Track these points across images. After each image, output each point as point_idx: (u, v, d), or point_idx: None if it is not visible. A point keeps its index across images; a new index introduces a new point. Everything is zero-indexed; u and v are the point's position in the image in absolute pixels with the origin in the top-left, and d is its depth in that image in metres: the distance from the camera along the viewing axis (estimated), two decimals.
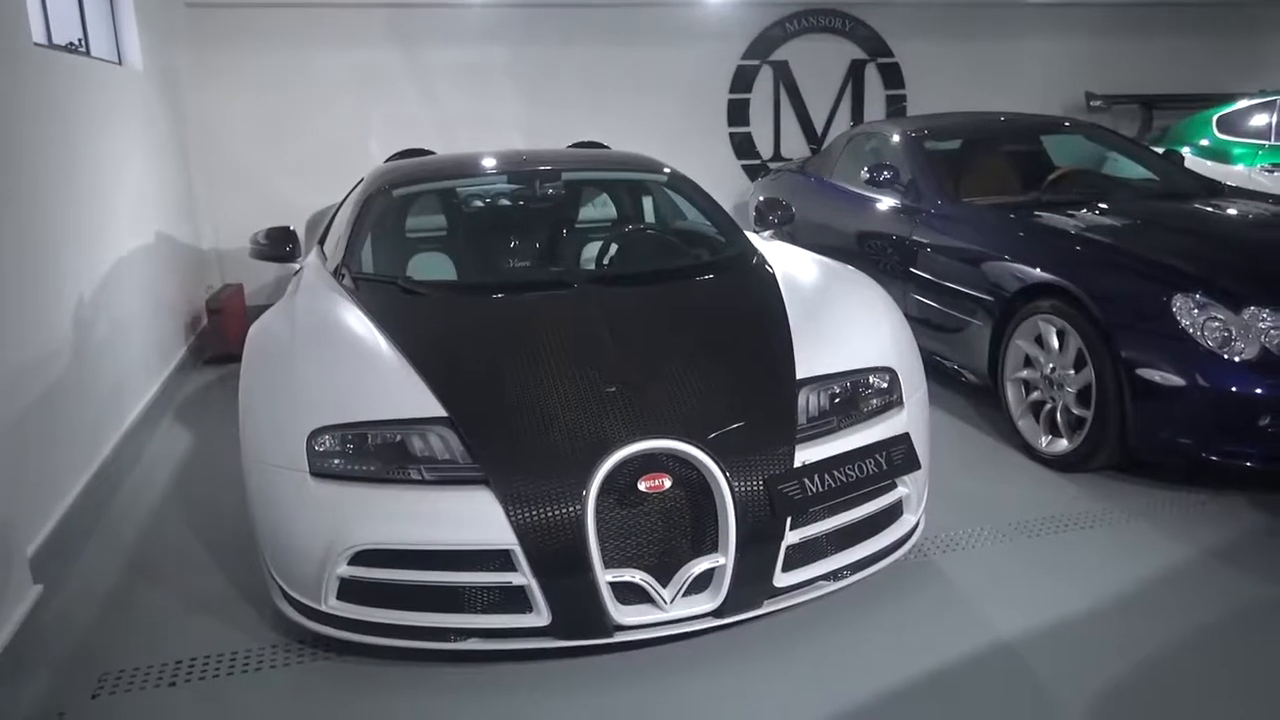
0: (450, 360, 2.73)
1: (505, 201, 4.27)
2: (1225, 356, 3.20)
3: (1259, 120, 6.51)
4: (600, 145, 5.28)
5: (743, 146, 7.72)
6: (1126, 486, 3.55)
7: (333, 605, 2.47)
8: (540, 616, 2.39)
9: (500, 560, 2.37)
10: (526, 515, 2.34)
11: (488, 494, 2.37)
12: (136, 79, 5.15)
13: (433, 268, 3.81)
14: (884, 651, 2.59)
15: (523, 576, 2.36)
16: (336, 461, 2.46)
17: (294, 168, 6.68)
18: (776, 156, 7.72)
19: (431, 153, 5.18)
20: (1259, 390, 3.17)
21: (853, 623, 2.73)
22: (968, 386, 4.43)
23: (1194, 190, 4.89)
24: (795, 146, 7.75)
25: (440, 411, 2.51)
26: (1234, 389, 3.19)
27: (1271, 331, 3.22)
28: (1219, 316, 3.26)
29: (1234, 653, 2.55)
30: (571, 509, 2.34)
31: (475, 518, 2.36)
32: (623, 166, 4.46)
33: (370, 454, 2.48)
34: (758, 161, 7.72)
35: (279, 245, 3.84)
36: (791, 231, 5.71)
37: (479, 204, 4.31)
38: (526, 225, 4.06)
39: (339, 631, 2.51)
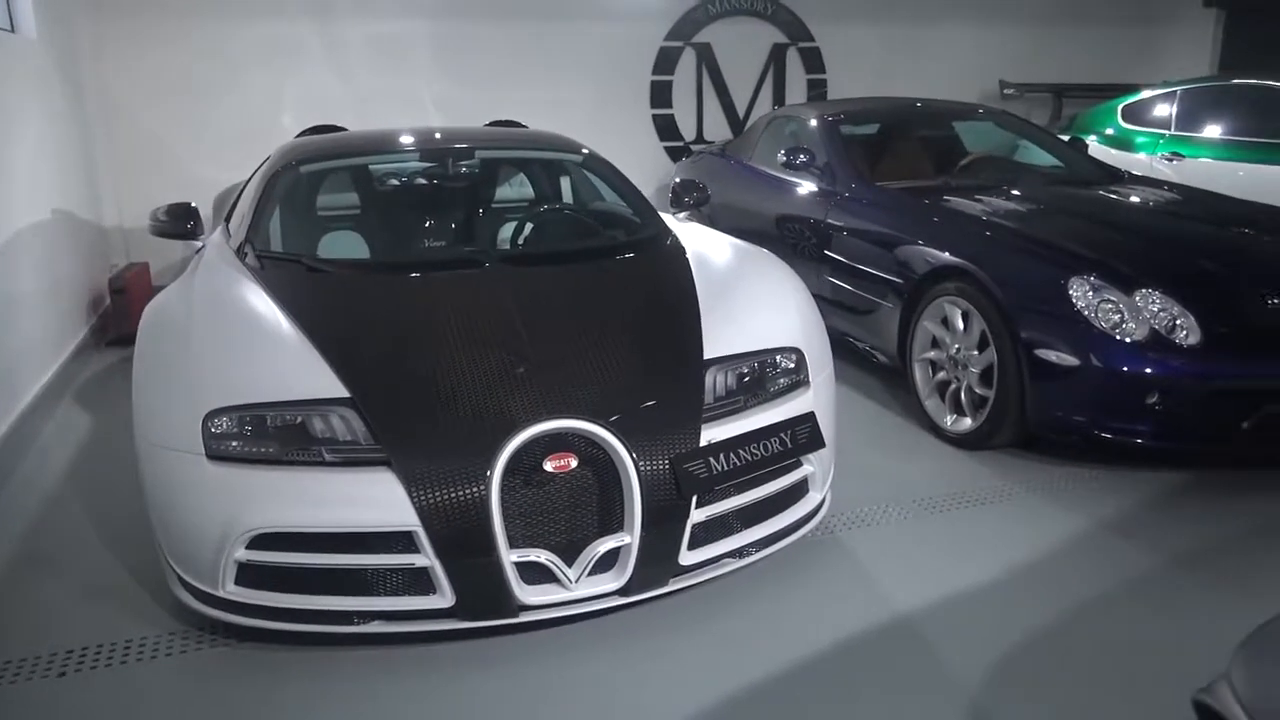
0: (354, 340, 2.69)
1: (418, 180, 4.20)
2: (1117, 337, 3.32)
3: (1161, 110, 6.73)
4: (517, 124, 5.23)
5: (666, 128, 7.71)
6: (1026, 463, 3.66)
7: (231, 590, 2.42)
8: (444, 598, 2.38)
9: (403, 542, 2.35)
10: (429, 496, 2.32)
11: (390, 475, 2.34)
12: (30, 47, 4.92)
13: (341, 246, 3.74)
14: (788, 627, 2.63)
15: (426, 558, 2.34)
16: (234, 444, 2.40)
17: (204, 143, 6.47)
18: (699, 139, 7.74)
19: (343, 129, 5.06)
20: (1148, 370, 3.29)
21: (759, 599, 2.77)
22: (879, 367, 4.51)
23: (1096, 177, 5.05)
24: (718, 129, 7.78)
25: (342, 392, 2.46)
26: (1125, 369, 3.31)
27: (1161, 314, 3.34)
28: (1112, 298, 3.38)
29: (1121, 618, 2.66)
30: (475, 490, 2.33)
31: (377, 499, 2.33)
32: (538, 146, 4.42)
33: (269, 436, 2.42)
34: (680, 144, 7.72)
35: (179, 222, 3.72)
36: (711, 215, 5.77)
37: (391, 182, 4.23)
38: (439, 204, 4.01)
39: (237, 617, 2.45)
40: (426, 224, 3.92)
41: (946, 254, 3.91)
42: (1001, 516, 3.25)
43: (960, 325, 3.79)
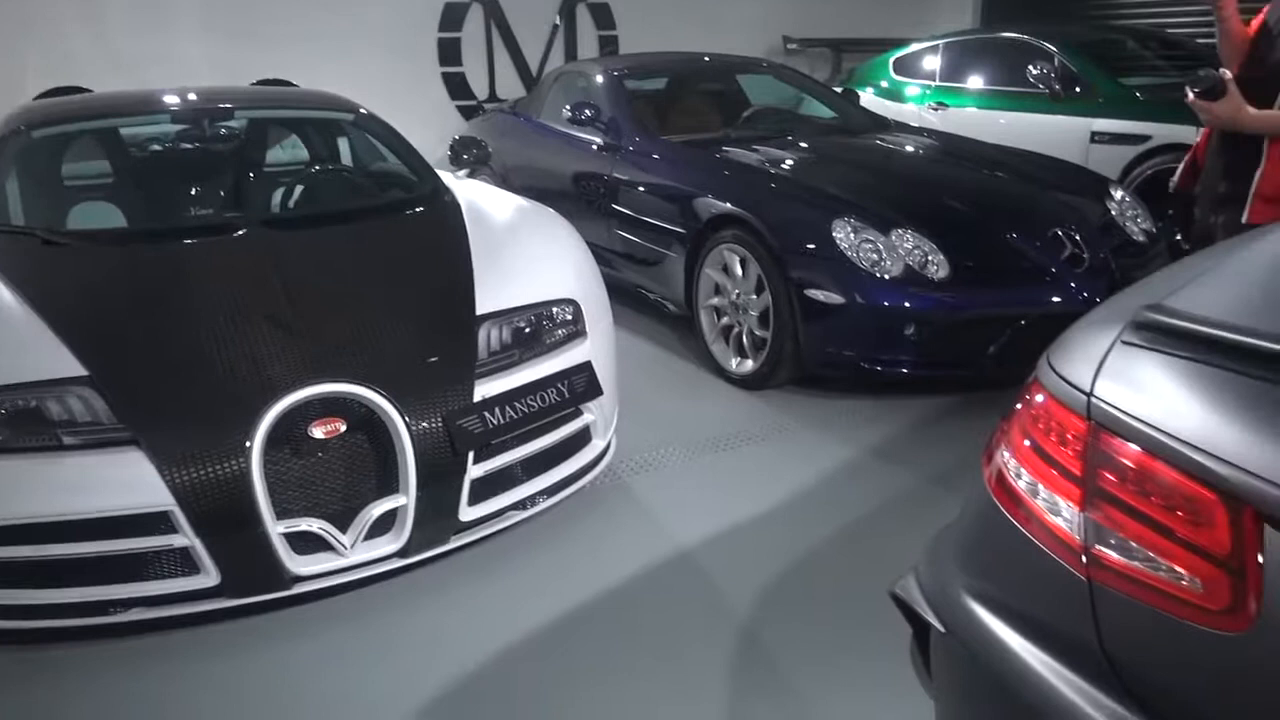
0: (93, 315, 2.51)
1: (175, 144, 3.94)
2: (876, 275, 3.54)
3: (928, 63, 7.14)
4: (287, 83, 4.98)
5: (457, 87, 7.55)
6: (804, 399, 3.86)
7: None
8: (209, 577, 2.28)
9: (159, 523, 2.23)
10: (184, 474, 2.21)
11: (138, 455, 2.21)
12: None
13: (90, 217, 3.46)
14: (576, 572, 2.68)
15: (185, 537, 2.24)
16: None
17: None
18: (492, 97, 7.63)
19: (88, 90, 4.67)
20: (905, 304, 3.53)
21: (548, 547, 2.81)
22: (670, 316, 4.63)
23: (866, 126, 5.33)
24: (511, 87, 7.68)
25: (79, 370, 2.30)
26: (885, 304, 3.53)
27: (914, 251, 3.58)
28: (871, 239, 3.59)
29: (879, 534, 2.86)
30: (234, 463, 2.24)
31: (125, 481, 2.21)
32: (306, 105, 4.23)
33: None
34: (473, 102, 7.59)
35: None
36: (504, 174, 5.71)
37: (140, 147, 3.95)
38: (199, 169, 3.78)
39: None
40: (185, 190, 3.68)
41: (723, 203, 4.03)
42: (779, 451, 3.43)
43: (739, 271, 3.93)
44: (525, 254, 3.07)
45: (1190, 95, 2.71)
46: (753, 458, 3.39)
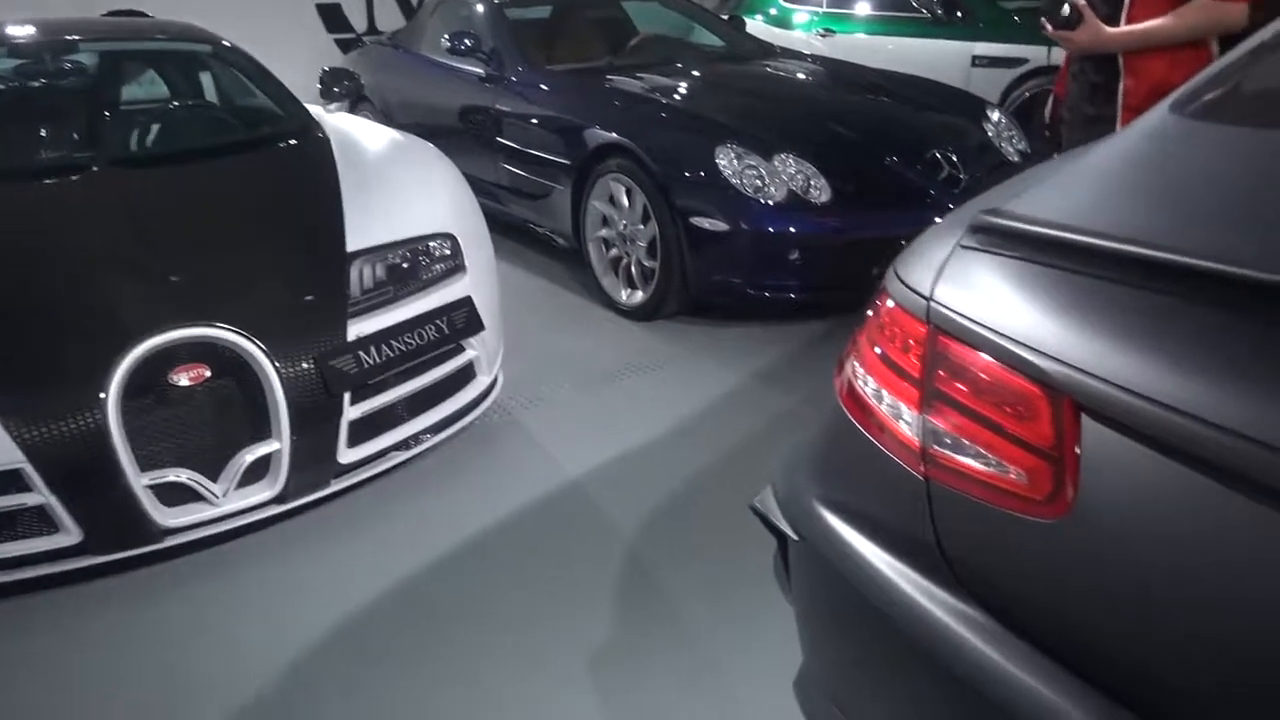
0: None
1: (13, 81, 3.66)
2: (760, 201, 3.54)
3: None
4: (140, 14, 4.67)
5: (333, 19, 7.23)
6: (695, 328, 3.88)
7: None
8: (69, 535, 2.18)
9: (9, 482, 2.12)
10: (33, 430, 2.09)
11: None
12: None
13: None
14: (467, 508, 2.65)
15: (40, 495, 2.13)
16: None
17: None
18: (371, 30, 7.32)
19: None
20: (790, 229, 3.55)
21: (439, 485, 2.78)
22: (560, 251, 4.57)
23: (752, 53, 5.29)
24: (391, 18, 7.38)
25: None
26: (769, 229, 3.55)
27: (797, 176, 3.59)
28: (754, 164, 3.59)
29: (762, 456, 2.89)
30: (87, 415, 2.13)
31: None
32: (159, 36, 3.97)
33: None
34: (351, 35, 7.28)
35: None
36: (385, 110, 5.52)
37: None
38: (41, 107, 3.52)
39: None
40: (31, 132, 3.43)
41: (607, 133, 3.97)
42: (669, 380, 3.44)
43: (625, 202, 3.89)
44: (398, 188, 2.97)
45: (1049, 29, 2.75)
46: (644, 388, 3.39)
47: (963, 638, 0.99)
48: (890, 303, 1.24)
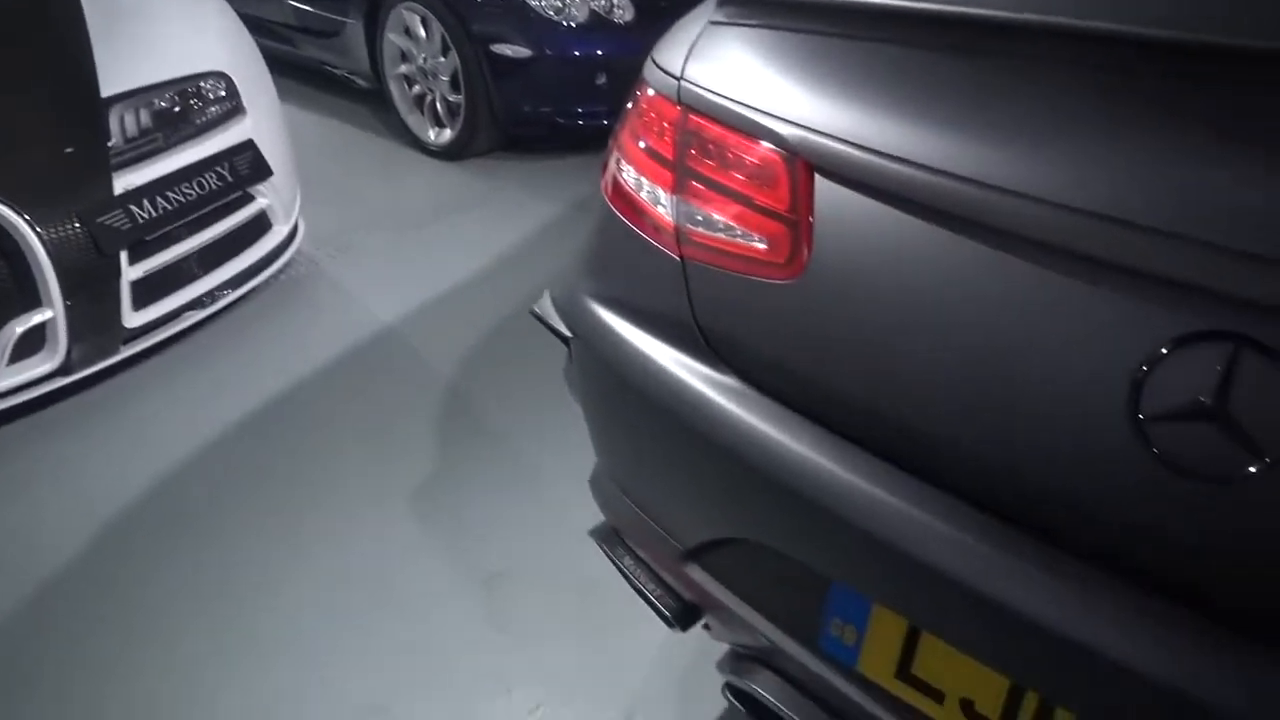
0: None
1: None
2: (562, 23, 3.40)
3: None
4: None
5: None
6: (509, 164, 3.77)
7: None
8: None
9: None
10: None
11: None
12: None
13: None
14: (276, 363, 2.56)
15: None
16: None
17: None
18: None
19: None
20: (595, 51, 3.44)
21: (244, 342, 2.66)
22: (361, 92, 4.31)
23: None
24: None
25: None
26: (574, 53, 3.43)
27: None
28: None
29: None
30: None
31: None
32: None
33: None
34: None
35: None
36: None
37: None
38: None
39: None
40: None
41: None
42: (483, 218, 3.36)
43: (422, 33, 3.67)
44: (158, 25, 2.69)
45: None
46: (457, 228, 3.30)
47: (718, 404, 1.02)
48: (650, 91, 1.21)
